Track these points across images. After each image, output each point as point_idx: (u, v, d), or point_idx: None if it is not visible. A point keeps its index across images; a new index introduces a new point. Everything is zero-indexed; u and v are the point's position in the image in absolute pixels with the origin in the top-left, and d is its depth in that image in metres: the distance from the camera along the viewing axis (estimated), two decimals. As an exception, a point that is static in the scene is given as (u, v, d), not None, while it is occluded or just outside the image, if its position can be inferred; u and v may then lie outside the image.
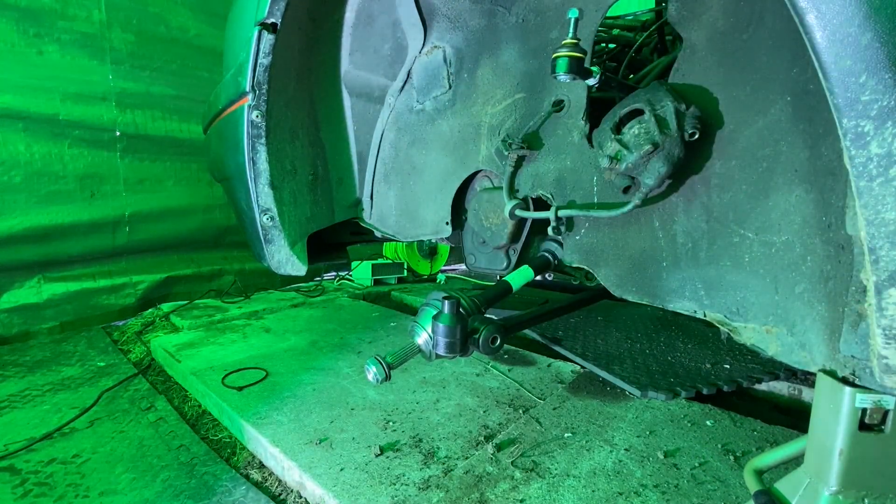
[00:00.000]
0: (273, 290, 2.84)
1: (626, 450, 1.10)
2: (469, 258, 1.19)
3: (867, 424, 0.54)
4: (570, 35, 0.73)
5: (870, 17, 0.41)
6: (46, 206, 2.08)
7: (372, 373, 0.69)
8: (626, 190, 0.81)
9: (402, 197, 1.28)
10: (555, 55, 0.73)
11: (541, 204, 0.97)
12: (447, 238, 1.26)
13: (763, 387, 1.41)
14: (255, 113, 1.14)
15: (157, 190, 2.42)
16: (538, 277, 0.95)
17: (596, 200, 0.87)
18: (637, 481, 0.99)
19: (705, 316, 0.74)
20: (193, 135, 2.49)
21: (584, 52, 0.74)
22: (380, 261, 3.13)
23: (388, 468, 1.04)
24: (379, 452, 1.09)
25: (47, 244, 2.10)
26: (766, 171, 0.66)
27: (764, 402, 1.41)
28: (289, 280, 2.95)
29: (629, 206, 0.75)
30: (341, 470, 1.04)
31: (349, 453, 1.10)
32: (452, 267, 3.63)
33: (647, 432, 1.17)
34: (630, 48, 1.27)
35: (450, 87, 1.12)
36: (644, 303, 0.82)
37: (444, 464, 1.06)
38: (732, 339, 0.82)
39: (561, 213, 0.86)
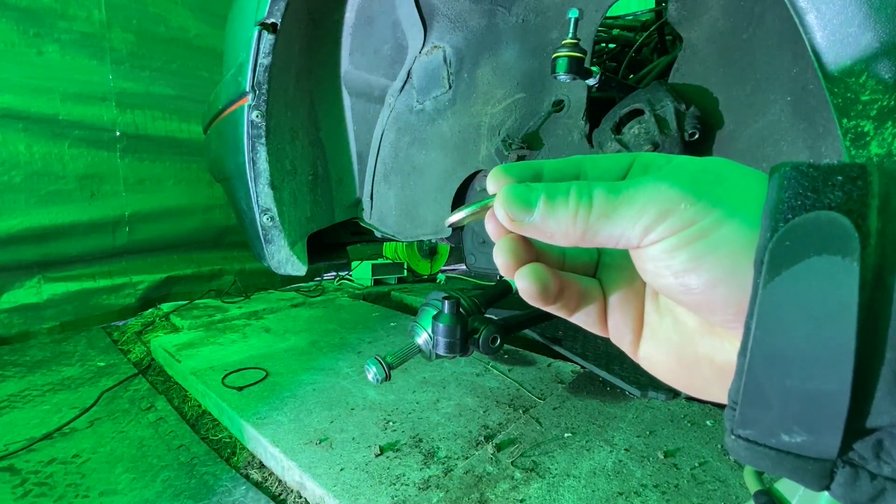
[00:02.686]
0: (273, 290, 2.84)
1: (626, 450, 1.10)
2: (469, 258, 1.19)
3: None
4: (570, 35, 0.73)
5: (870, 17, 0.41)
6: (46, 206, 2.08)
7: (372, 373, 0.69)
8: (626, 190, 0.81)
9: (402, 197, 1.28)
10: (555, 55, 0.73)
11: (541, 204, 0.96)
12: (447, 238, 1.26)
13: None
14: (255, 113, 1.14)
15: (157, 190, 2.42)
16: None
17: (596, 200, 0.87)
18: (637, 481, 0.99)
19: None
20: (193, 135, 2.49)
21: (584, 52, 0.74)
22: (380, 261, 3.13)
23: (388, 468, 1.04)
24: (379, 452, 1.09)
25: (47, 244, 2.10)
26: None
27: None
28: (289, 280, 2.95)
29: (629, 206, 0.75)
30: (341, 470, 1.04)
31: (349, 453, 1.10)
32: (452, 267, 3.63)
33: (647, 432, 1.17)
34: (630, 48, 1.27)
35: (450, 87, 1.12)
36: None
37: (444, 464, 1.06)
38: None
39: (561, 212, 0.86)
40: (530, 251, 0.25)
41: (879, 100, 0.42)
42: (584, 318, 0.26)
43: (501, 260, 0.24)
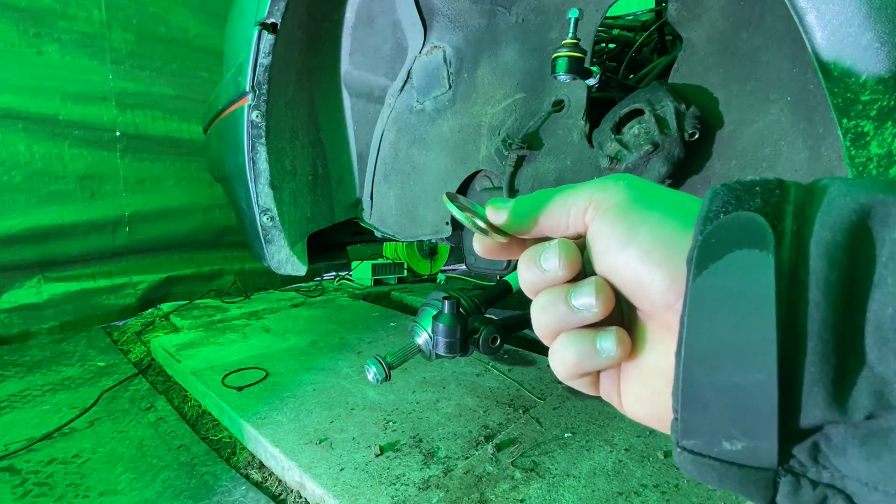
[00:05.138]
0: (273, 290, 2.84)
1: (626, 450, 1.10)
2: (469, 258, 1.19)
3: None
4: (570, 35, 0.73)
5: (870, 17, 0.41)
6: (46, 206, 2.08)
7: (372, 373, 0.69)
8: (626, 190, 0.81)
9: (402, 197, 1.28)
10: (555, 55, 0.73)
11: (541, 204, 0.96)
12: (447, 238, 1.26)
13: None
14: (255, 113, 1.14)
15: (157, 190, 2.43)
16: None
17: (596, 200, 0.87)
18: (637, 481, 0.99)
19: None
20: (193, 135, 2.49)
21: (584, 52, 0.74)
22: (380, 261, 3.13)
23: (388, 468, 1.04)
24: (379, 452, 1.09)
25: (47, 244, 2.10)
26: (765, 171, 0.66)
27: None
28: (289, 280, 2.95)
29: (629, 206, 0.75)
30: (341, 470, 1.04)
31: (349, 453, 1.10)
32: (452, 267, 3.63)
33: (647, 432, 1.17)
34: (630, 48, 1.27)
35: (450, 87, 1.12)
36: None
37: (444, 464, 1.06)
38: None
39: (561, 213, 0.86)
40: None
41: (879, 100, 0.42)
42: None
43: (564, 261, 0.25)
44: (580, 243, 0.25)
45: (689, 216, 0.20)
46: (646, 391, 0.24)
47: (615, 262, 0.22)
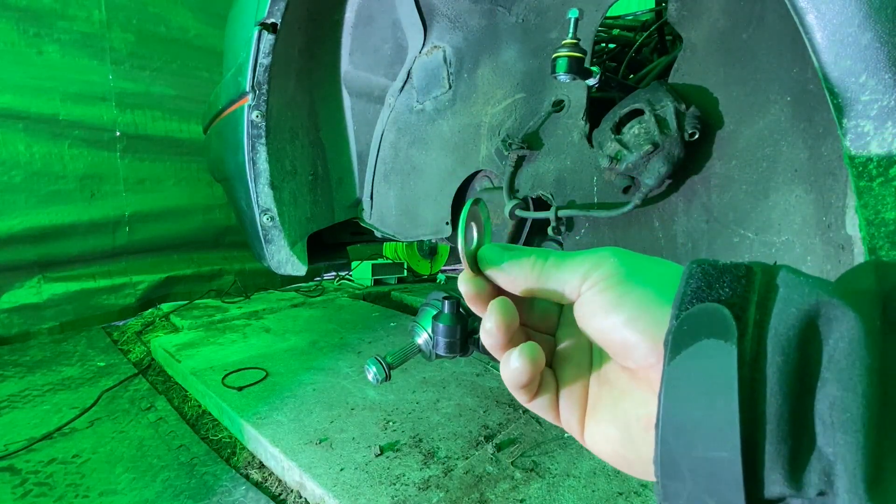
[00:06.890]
0: (273, 290, 2.84)
1: (626, 450, 1.10)
2: (469, 258, 1.18)
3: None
4: (570, 35, 0.73)
5: (870, 17, 0.41)
6: (46, 206, 2.08)
7: (372, 373, 0.69)
8: (626, 190, 0.81)
9: (403, 197, 1.28)
10: (555, 55, 0.73)
11: (541, 204, 0.97)
12: (447, 238, 1.26)
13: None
14: (255, 113, 1.14)
15: (157, 190, 2.43)
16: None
17: (596, 200, 0.87)
18: (637, 481, 0.99)
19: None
20: (193, 135, 2.49)
21: (584, 52, 0.74)
22: (380, 261, 3.13)
23: (388, 468, 1.04)
24: (379, 452, 1.09)
25: (47, 244, 2.10)
26: (766, 171, 0.66)
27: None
28: (289, 280, 2.95)
29: (629, 207, 0.75)
30: (341, 470, 1.04)
31: (349, 453, 1.10)
32: (452, 267, 3.63)
33: (647, 432, 1.17)
34: (630, 48, 1.27)
35: (450, 87, 1.12)
36: None
37: (444, 464, 1.06)
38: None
39: (561, 213, 0.86)
40: (518, 319, 0.28)
41: (879, 99, 0.42)
42: (539, 404, 0.28)
43: (497, 321, 0.27)
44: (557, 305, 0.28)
45: (670, 290, 0.22)
46: (617, 433, 0.26)
47: (602, 325, 0.24)
